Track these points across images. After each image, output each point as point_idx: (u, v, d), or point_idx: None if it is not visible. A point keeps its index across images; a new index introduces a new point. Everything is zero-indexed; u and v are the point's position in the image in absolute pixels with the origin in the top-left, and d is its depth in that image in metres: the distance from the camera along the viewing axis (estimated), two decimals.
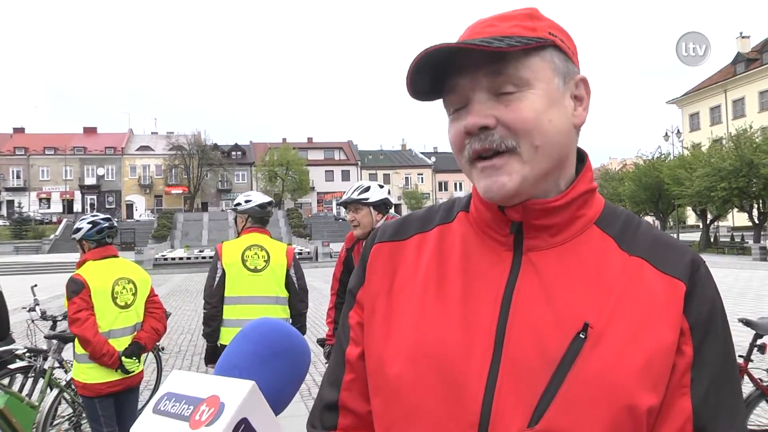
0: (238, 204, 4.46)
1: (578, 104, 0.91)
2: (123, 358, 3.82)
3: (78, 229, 4.03)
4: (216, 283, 4.16)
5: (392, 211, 4.05)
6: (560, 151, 0.88)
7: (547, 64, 0.87)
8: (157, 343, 5.49)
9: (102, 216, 4.14)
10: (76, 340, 3.85)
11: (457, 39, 0.89)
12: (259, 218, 4.44)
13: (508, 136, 0.85)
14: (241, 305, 4.16)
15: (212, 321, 4.17)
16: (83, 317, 3.72)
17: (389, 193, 3.99)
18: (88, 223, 4.03)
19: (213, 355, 4.25)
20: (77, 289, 3.77)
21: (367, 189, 3.89)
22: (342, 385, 0.99)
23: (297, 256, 4.59)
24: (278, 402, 0.85)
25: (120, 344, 3.84)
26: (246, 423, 0.75)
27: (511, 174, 0.85)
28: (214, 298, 4.15)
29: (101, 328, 3.78)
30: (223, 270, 4.18)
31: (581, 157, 0.95)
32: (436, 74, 0.87)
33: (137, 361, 3.91)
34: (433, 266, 0.94)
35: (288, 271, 4.33)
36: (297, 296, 4.33)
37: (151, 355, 6.15)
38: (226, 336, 4.13)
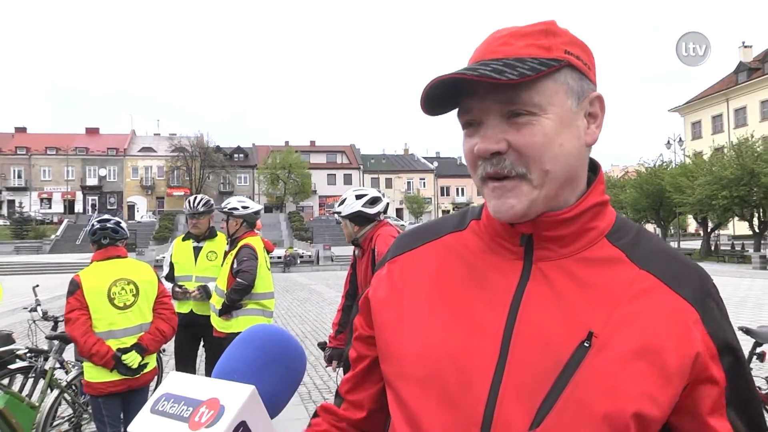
0: (234, 208, 4.87)
1: (592, 122, 0.91)
2: (122, 356, 3.77)
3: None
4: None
5: (387, 216, 4.04)
6: (570, 172, 0.89)
7: (561, 87, 0.86)
8: None
9: (103, 217, 4.16)
10: None
11: (472, 53, 0.90)
12: (251, 223, 5.02)
13: (518, 162, 0.85)
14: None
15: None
16: (74, 317, 3.78)
17: (379, 200, 3.92)
18: (91, 224, 4.14)
19: None
20: (72, 289, 3.84)
21: (343, 201, 3.92)
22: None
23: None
24: (274, 406, 0.88)
25: (123, 345, 3.82)
26: (244, 426, 0.77)
27: (520, 197, 0.86)
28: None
29: (98, 328, 3.78)
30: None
31: (594, 166, 0.96)
32: (449, 94, 0.87)
33: (141, 359, 3.85)
34: (443, 272, 0.96)
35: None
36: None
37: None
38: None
